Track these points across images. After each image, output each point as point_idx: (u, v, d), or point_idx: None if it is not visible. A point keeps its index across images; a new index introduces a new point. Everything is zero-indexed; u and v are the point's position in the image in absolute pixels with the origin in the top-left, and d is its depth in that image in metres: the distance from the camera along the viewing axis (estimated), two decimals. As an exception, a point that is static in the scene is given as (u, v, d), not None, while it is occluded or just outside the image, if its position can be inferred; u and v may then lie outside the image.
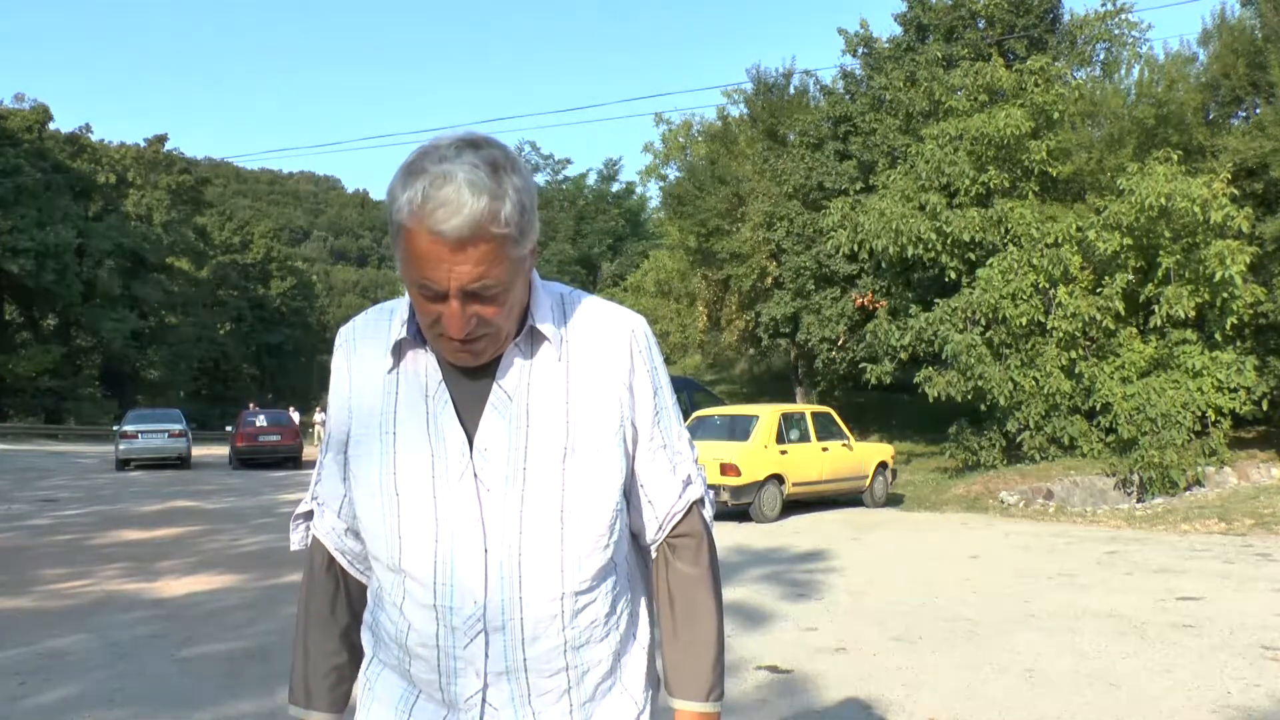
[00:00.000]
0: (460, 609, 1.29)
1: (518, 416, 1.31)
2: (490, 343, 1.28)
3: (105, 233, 49.59)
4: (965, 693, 5.05)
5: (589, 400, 1.34)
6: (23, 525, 12.07)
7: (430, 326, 1.26)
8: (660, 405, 1.42)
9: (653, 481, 1.43)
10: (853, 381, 23.23)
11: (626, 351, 1.38)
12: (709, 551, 1.47)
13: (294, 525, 1.54)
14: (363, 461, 1.36)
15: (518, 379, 1.32)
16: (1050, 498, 14.69)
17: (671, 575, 1.44)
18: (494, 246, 1.19)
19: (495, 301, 1.23)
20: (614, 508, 1.35)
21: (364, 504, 1.35)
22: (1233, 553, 10.03)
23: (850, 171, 22.88)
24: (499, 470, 1.30)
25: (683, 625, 1.43)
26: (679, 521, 1.45)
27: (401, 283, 1.30)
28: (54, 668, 5.44)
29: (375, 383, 1.37)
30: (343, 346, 1.43)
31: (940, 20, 22.56)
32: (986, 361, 16.44)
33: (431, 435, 1.31)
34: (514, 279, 1.25)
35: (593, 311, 1.40)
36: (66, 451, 32.10)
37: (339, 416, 1.41)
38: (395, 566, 1.33)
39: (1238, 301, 15.18)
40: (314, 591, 1.50)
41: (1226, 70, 17.94)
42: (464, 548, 1.29)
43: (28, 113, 48.76)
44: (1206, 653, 5.84)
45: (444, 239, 1.17)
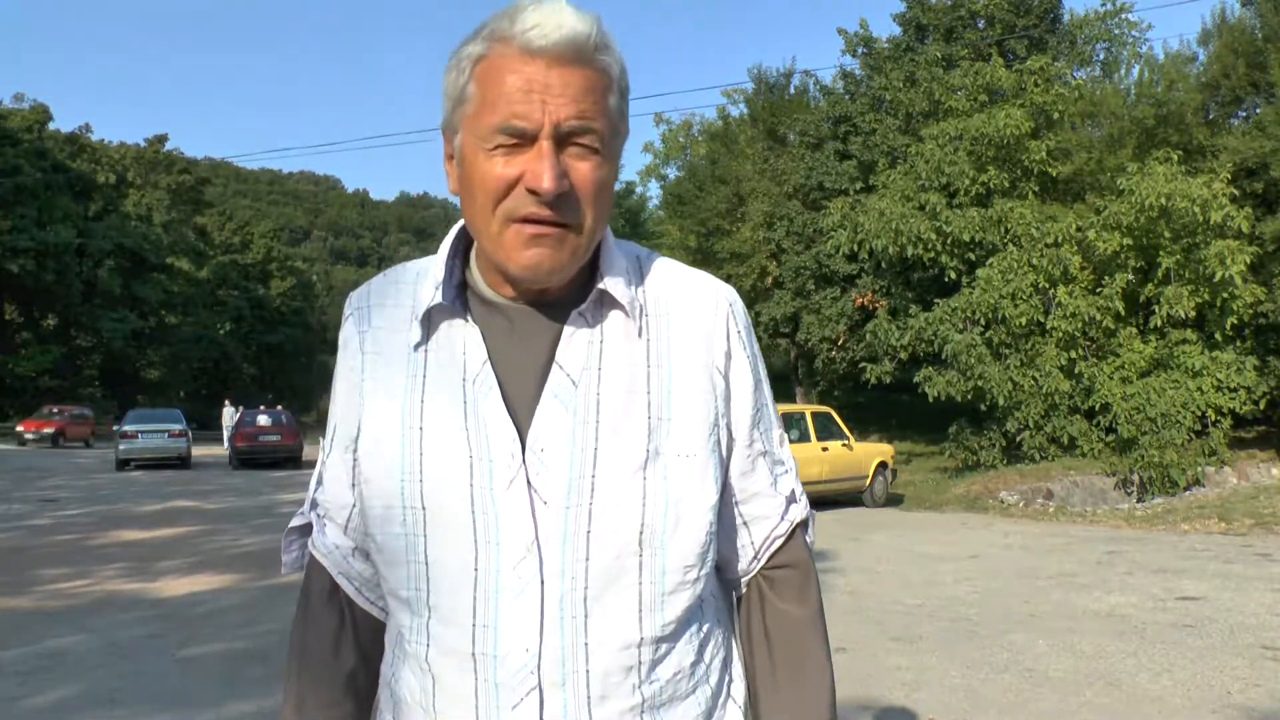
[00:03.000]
0: (507, 658, 1.00)
1: (585, 408, 1.03)
2: (571, 241, 1.00)
3: (105, 233, 49.59)
4: (965, 693, 5.05)
5: (677, 390, 1.06)
6: (23, 525, 12.06)
7: (496, 204, 0.99)
8: (761, 401, 1.16)
9: (751, 498, 1.15)
10: (853, 381, 23.24)
11: (723, 330, 1.10)
12: (816, 587, 1.19)
13: (286, 543, 1.22)
14: (378, 463, 1.06)
15: (584, 359, 1.04)
16: (1050, 498, 14.70)
17: (771, 616, 1.16)
18: (596, 81, 0.99)
19: (591, 160, 0.99)
20: (707, 530, 1.06)
21: (378, 519, 1.06)
22: (1233, 553, 10.03)
23: (850, 171, 22.90)
24: (560, 478, 1.01)
25: (788, 679, 1.14)
26: (779, 548, 1.17)
27: (453, 169, 1.05)
28: (54, 668, 5.44)
29: (396, 361, 1.08)
30: (354, 316, 1.14)
31: (940, 20, 22.58)
32: (986, 361, 16.45)
33: (471, 430, 1.03)
34: (612, 148, 1.02)
35: (677, 276, 1.13)
36: (66, 451, 32.11)
37: (348, 404, 1.12)
38: (419, 602, 1.04)
39: (1238, 301, 15.19)
40: (311, 627, 1.17)
41: (1226, 70, 17.95)
42: (513, 578, 1.00)
43: (28, 112, 48.80)
44: (1206, 653, 5.84)
45: (544, 55, 0.96)
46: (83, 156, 52.13)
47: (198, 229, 62.14)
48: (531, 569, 0.99)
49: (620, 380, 1.04)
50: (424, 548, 1.03)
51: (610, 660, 1.01)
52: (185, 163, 62.58)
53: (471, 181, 1.00)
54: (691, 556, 1.05)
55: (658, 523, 1.02)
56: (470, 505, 1.01)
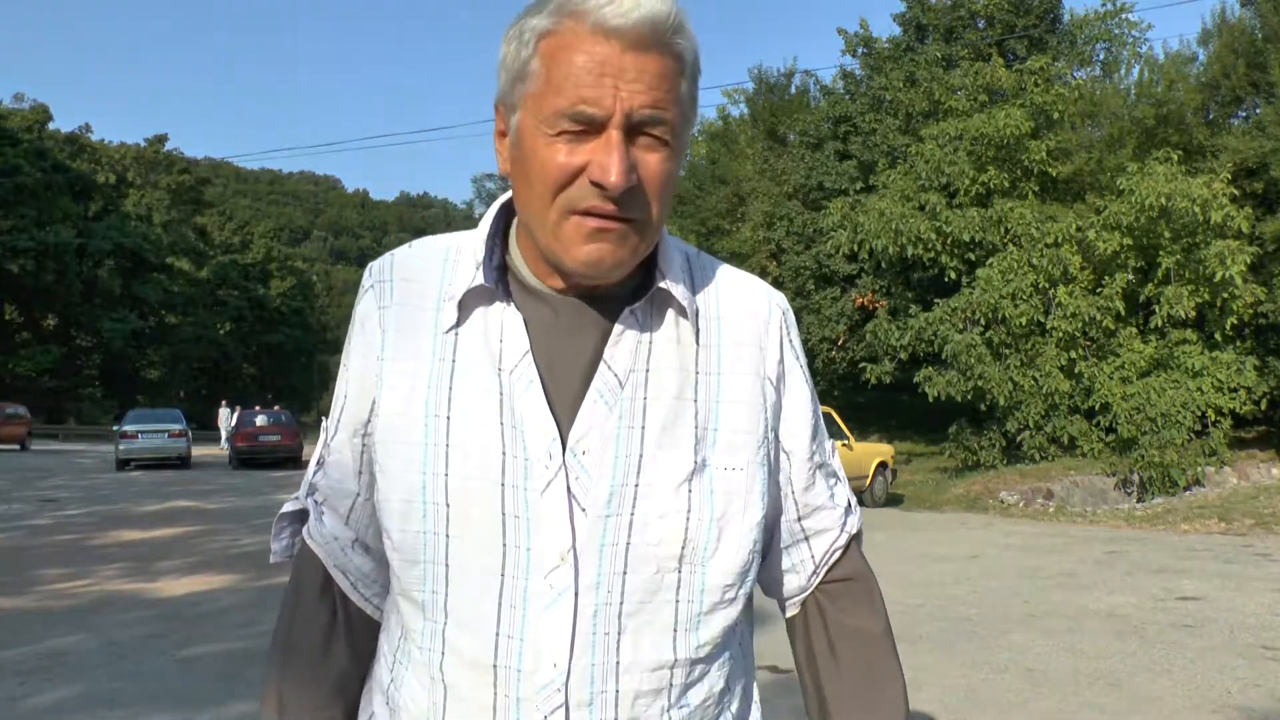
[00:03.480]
0: (534, 673, 0.93)
1: (631, 412, 0.96)
2: (633, 238, 0.93)
3: (105, 233, 49.61)
4: (965, 693, 5.05)
5: (726, 400, 1.00)
6: (23, 525, 12.06)
7: (555, 194, 0.91)
8: (816, 412, 1.10)
9: (813, 513, 1.10)
10: (853, 381, 23.24)
11: (777, 339, 1.05)
12: (882, 599, 1.14)
13: (277, 529, 1.12)
14: (397, 452, 0.97)
15: (632, 360, 0.97)
16: (1050, 498, 14.70)
17: (837, 631, 1.10)
18: (672, 68, 0.91)
19: (661, 153, 0.92)
20: (750, 549, 1.00)
21: (396, 514, 0.97)
22: (1233, 553, 10.03)
23: (850, 171, 22.90)
24: (602, 484, 0.94)
25: (864, 698, 1.08)
26: (838, 561, 1.11)
27: (508, 151, 0.97)
28: (54, 668, 5.44)
29: (423, 342, 0.99)
30: (374, 289, 1.03)
31: (940, 20, 22.59)
32: (986, 361, 16.45)
33: (505, 425, 0.94)
34: (681, 140, 0.95)
35: (729, 280, 1.06)
36: (66, 451, 32.10)
37: (361, 384, 1.02)
38: (434, 606, 0.96)
39: (1238, 301, 15.20)
40: (300, 622, 1.07)
41: (1226, 70, 17.96)
42: (544, 588, 0.93)
43: (28, 113, 48.86)
44: (1206, 653, 5.84)
45: (619, 35, 0.88)
46: (83, 156, 52.17)
47: (198, 229, 62.17)
48: (566, 580, 0.92)
49: (668, 386, 0.97)
50: (445, 548, 0.95)
51: (641, 682, 0.95)
52: (185, 163, 62.64)
53: (529, 166, 0.92)
54: (732, 575, 0.98)
55: (701, 538, 0.96)
56: (500, 506, 0.93)
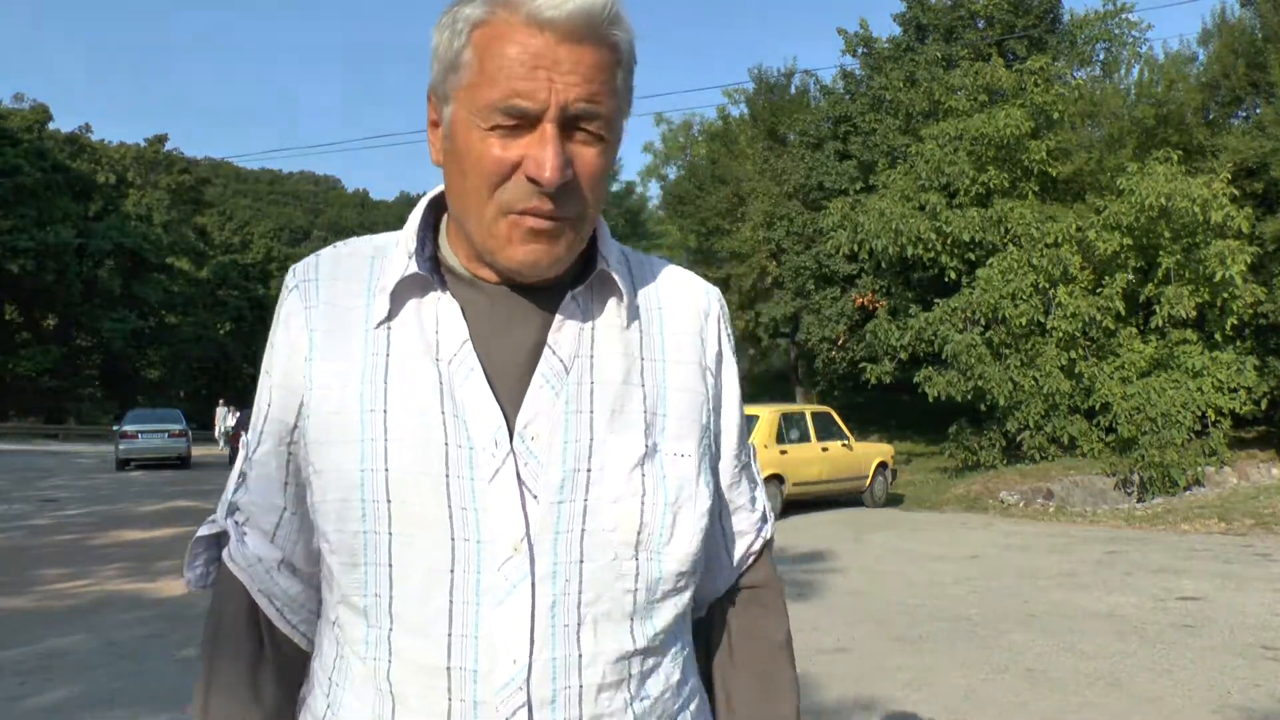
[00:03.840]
0: (491, 673, 0.88)
1: (578, 397, 0.93)
2: (570, 234, 0.92)
3: (105, 233, 49.58)
4: (965, 693, 5.05)
5: (671, 386, 0.98)
6: (23, 525, 12.07)
7: (492, 190, 0.89)
8: (743, 411, 1.09)
9: (735, 512, 1.09)
10: (853, 381, 23.24)
11: (715, 330, 1.04)
12: (785, 609, 1.13)
13: (191, 556, 1.05)
14: (331, 452, 0.92)
15: (577, 344, 0.95)
16: (1050, 498, 14.70)
17: (739, 636, 1.09)
18: (608, 59, 0.89)
19: (596, 147, 0.90)
20: (701, 536, 0.98)
21: (332, 519, 0.92)
22: (1233, 553, 10.03)
23: (850, 171, 22.90)
24: (553, 469, 0.91)
25: (756, 704, 1.07)
26: (750, 566, 1.10)
27: (440, 144, 0.94)
28: (54, 668, 5.44)
29: (354, 339, 0.94)
30: (298, 289, 0.98)
31: (940, 20, 22.60)
32: (986, 361, 16.45)
33: (447, 415, 0.91)
34: (617, 131, 0.93)
35: (667, 272, 1.05)
36: (66, 451, 32.09)
37: (286, 389, 0.96)
38: (378, 611, 0.91)
39: (1238, 301, 15.20)
40: (224, 655, 1.00)
41: (1226, 70, 17.96)
42: (498, 580, 0.89)
43: (28, 113, 48.81)
44: (1206, 653, 5.84)
45: (553, 27, 0.86)
46: (83, 156, 52.15)
47: (198, 229, 62.17)
48: (521, 570, 0.89)
49: (615, 371, 0.95)
50: (388, 547, 0.90)
51: (604, 674, 0.92)
52: (185, 163, 62.59)
53: (463, 160, 0.90)
54: (686, 562, 0.96)
55: (656, 524, 0.94)
56: (446, 498, 0.89)
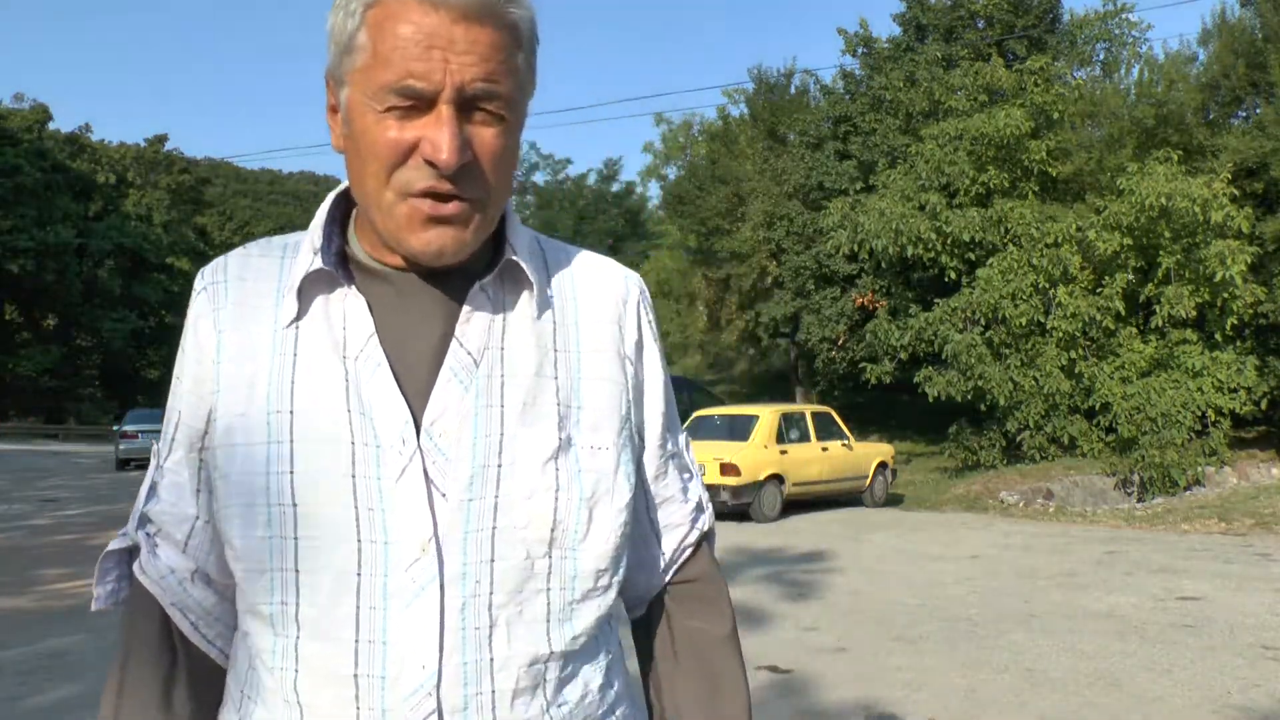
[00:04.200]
0: (400, 679, 0.85)
1: (488, 390, 0.90)
2: (474, 218, 0.89)
3: (105, 233, 49.60)
4: (965, 693, 5.05)
5: (587, 377, 0.95)
6: (23, 525, 12.07)
7: (389, 174, 0.86)
8: (670, 399, 1.04)
9: (663, 504, 1.04)
10: (853, 381, 23.22)
11: (634, 316, 1.00)
12: (729, 602, 1.08)
13: (101, 571, 1.02)
14: (237, 456, 0.89)
15: (485, 337, 0.92)
16: (1050, 498, 14.70)
17: (681, 634, 1.04)
18: (505, 39, 0.86)
19: (496, 128, 0.87)
20: (621, 531, 0.95)
21: (236, 524, 0.89)
22: (1233, 553, 10.03)
23: (850, 171, 22.90)
24: (461, 467, 0.88)
25: (705, 705, 1.03)
26: (687, 560, 1.06)
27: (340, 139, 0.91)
28: (54, 668, 5.45)
29: (261, 340, 0.92)
30: (206, 291, 0.96)
31: (940, 20, 22.59)
32: (986, 361, 16.45)
33: (353, 413, 0.88)
34: (517, 113, 0.90)
35: (583, 259, 1.02)
36: (66, 451, 32.09)
37: (196, 394, 0.94)
38: (284, 619, 0.87)
39: (1238, 301, 15.20)
40: (135, 672, 0.97)
41: (1226, 70, 17.95)
42: (406, 582, 0.86)
43: (28, 113, 48.80)
44: (1206, 653, 5.84)
45: (448, 6, 0.83)
46: (83, 156, 52.15)
47: (198, 229, 62.15)
48: (429, 571, 0.85)
49: (526, 363, 0.92)
50: (294, 552, 0.87)
51: (518, 679, 0.89)
52: (185, 163, 62.56)
53: (360, 144, 0.87)
54: (605, 560, 0.93)
55: (570, 520, 0.91)
56: (353, 499, 0.86)
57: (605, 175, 47.09)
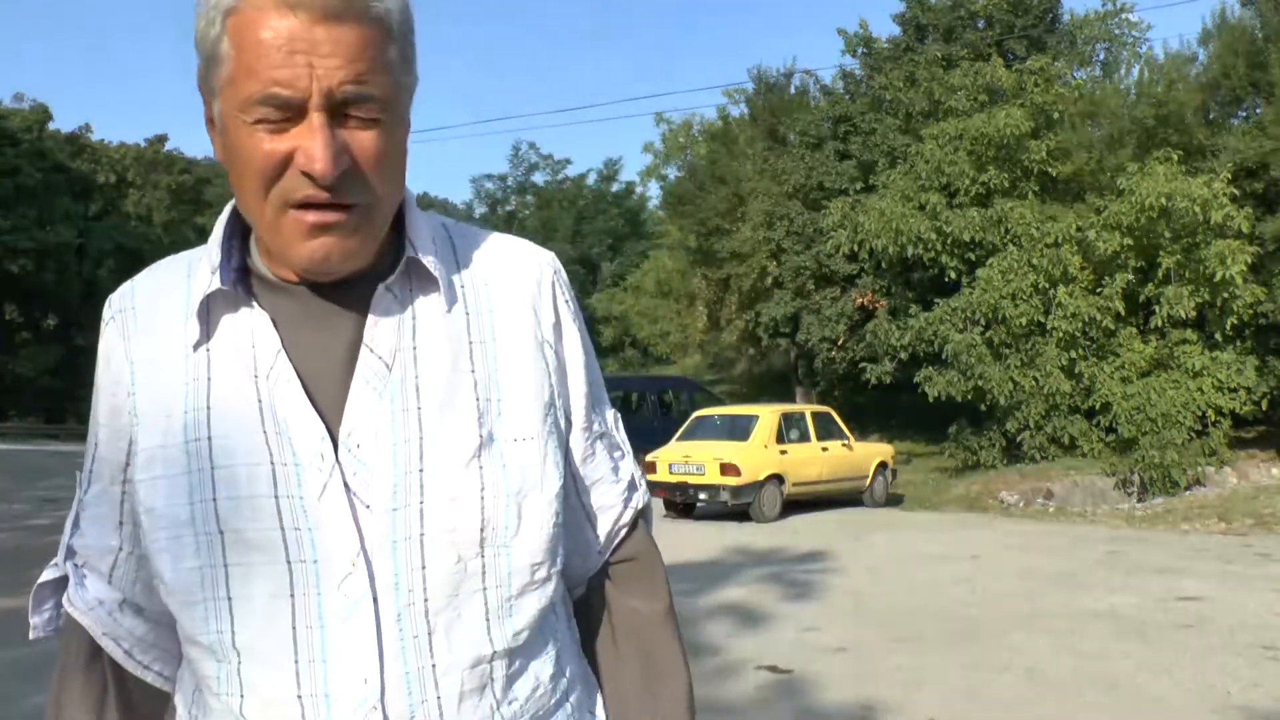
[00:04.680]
0: (343, 696, 0.85)
1: (403, 394, 0.89)
2: (361, 224, 0.86)
3: (105, 233, 49.63)
4: (965, 693, 5.05)
5: (505, 367, 0.93)
6: (23, 525, 12.06)
7: (268, 187, 0.83)
8: (594, 377, 1.02)
9: (593, 486, 1.02)
10: (853, 381, 23.22)
11: (549, 298, 0.98)
12: (665, 579, 1.06)
13: (36, 601, 1.03)
14: (160, 491, 0.89)
15: (396, 339, 0.90)
16: (1050, 498, 14.70)
17: (619, 615, 1.04)
18: (372, 36, 0.83)
19: (374, 130, 0.84)
20: (554, 522, 0.93)
21: (167, 554, 0.88)
22: (1233, 553, 10.03)
23: (850, 171, 22.89)
24: (383, 477, 0.87)
25: (641, 683, 1.02)
26: (622, 540, 1.04)
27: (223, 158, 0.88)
28: (54, 668, 5.44)
29: (174, 367, 0.91)
30: (114, 321, 0.96)
31: (939, 20, 22.59)
32: (986, 361, 16.45)
33: (269, 433, 0.87)
34: (396, 111, 0.87)
35: (492, 244, 0.99)
36: (66, 451, 32.10)
37: (113, 427, 0.94)
38: (223, 647, 0.87)
39: (1238, 301, 15.20)
40: (68, 703, 0.99)
41: (1226, 70, 17.95)
42: (339, 599, 0.85)
43: (28, 113, 48.81)
44: (1206, 653, 5.84)
45: (305, 7, 0.80)
46: (83, 156, 52.16)
47: (198, 229, 62.15)
48: (360, 586, 0.85)
49: (441, 360, 0.90)
50: (225, 579, 0.86)
51: (463, 682, 0.88)
52: (185, 163, 62.53)
53: (235, 159, 0.84)
54: (540, 553, 0.92)
55: (500, 518, 0.89)
56: (278, 520, 0.85)
57: (605, 175, 47.14)
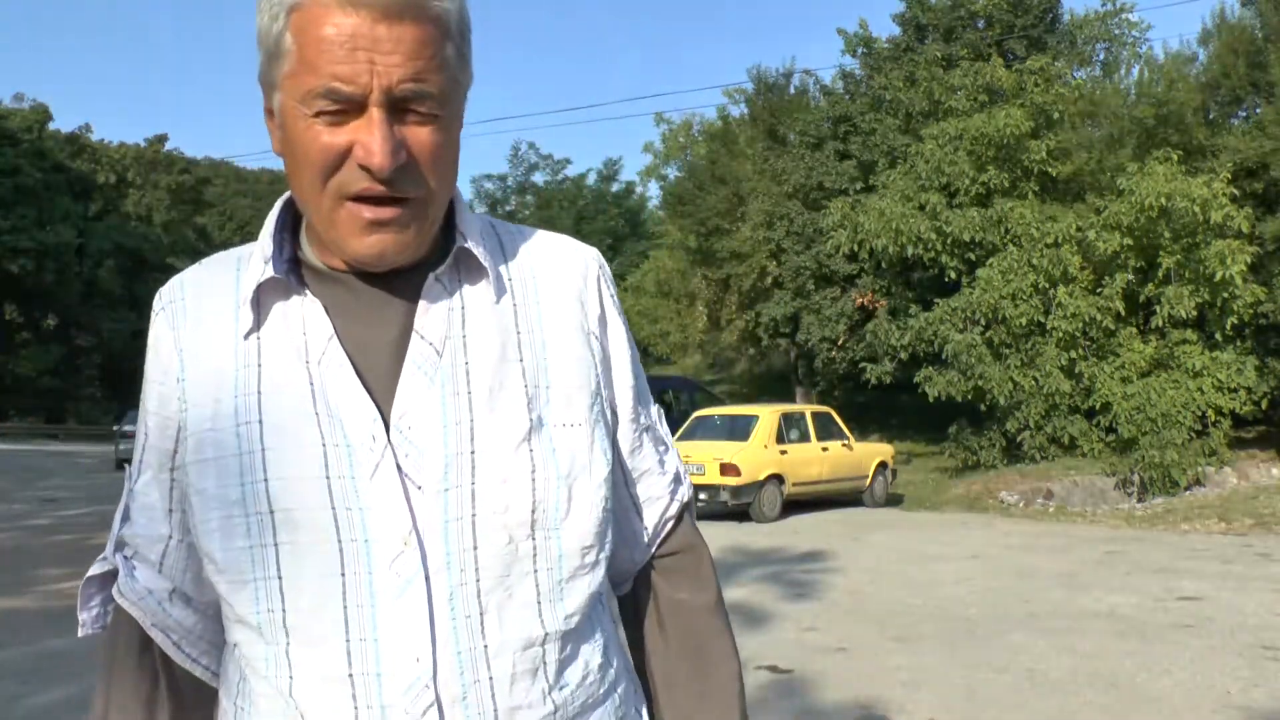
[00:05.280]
0: (395, 675, 0.86)
1: (453, 379, 0.91)
2: (416, 218, 0.89)
3: (105, 233, 49.61)
4: (965, 693, 5.05)
5: (553, 356, 0.95)
6: (23, 525, 12.07)
7: (325, 179, 0.86)
8: (639, 371, 1.04)
9: (641, 478, 1.04)
10: (853, 381, 23.23)
11: (595, 290, 1.00)
12: (713, 571, 1.08)
13: (84, 596, 1.03)
14: (210, 471, 0.90)
15: (446, 327, 0.92)
16: (1050, 498, 14.70)
17: (667, 607, 1.05)
18: (432, 34, 0.85)
19: (430, 126, 0.87)
20: (603, 506, 0.95)
21: (216, 537, 0.89)
22: (1233, 553, 10.03)
23: (850, 171, 22.89)
24: (434, 458, 0.88)
25: (693, 676, 1.03)
26: (669, 532, 1.06)
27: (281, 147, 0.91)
28: (54, 668, 5.44)
29: (223, 354, 0.93)
30: (166, 311, 0.97)
31: (939, 20, 22.58)
32: (986, 361, 16.45)
33: (321, 416, 0.88)
34: (452, 107, 0.89)
35: (539, 239, 1.02)
36: (66, 451, 32.09)
37: (163, 415, 0.95)
38: (273, 627, 0.88)
39: (1238, 301, 15.20)
40: (118, 695, 1.00)
41: (1226, 70, 17.95)
42: (391, 578, 0.86)
43: (28, 113, 48.78)
44: (1206, 653, 5.84)
45: (368, 5, 0.82)
46: (83, 156, 52.14)
47: (198, 229, 62.14)
48: (413, 564, 0.86)
49: (490, 348, 0.93)
50: (275, 559, 0.87)
51: (515, 663, 0.89)
52: (185, 163, 62.56)
53: (295, 150, 0.87)
54: (590, 536, 0.93)
55: (550, 500, 0.91)
56: (329, 501, 0.87)
57: (605, 175, 47.14)
